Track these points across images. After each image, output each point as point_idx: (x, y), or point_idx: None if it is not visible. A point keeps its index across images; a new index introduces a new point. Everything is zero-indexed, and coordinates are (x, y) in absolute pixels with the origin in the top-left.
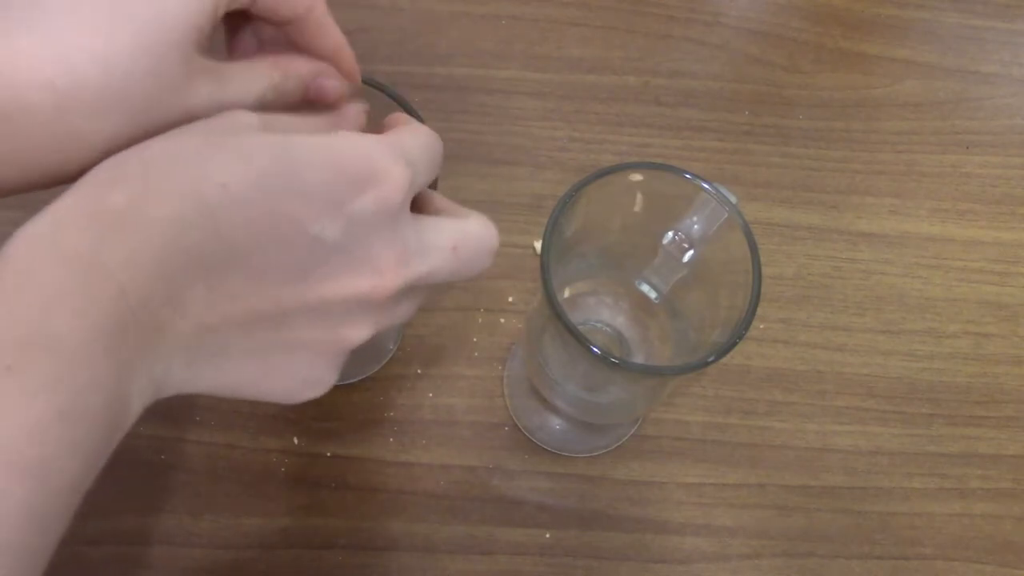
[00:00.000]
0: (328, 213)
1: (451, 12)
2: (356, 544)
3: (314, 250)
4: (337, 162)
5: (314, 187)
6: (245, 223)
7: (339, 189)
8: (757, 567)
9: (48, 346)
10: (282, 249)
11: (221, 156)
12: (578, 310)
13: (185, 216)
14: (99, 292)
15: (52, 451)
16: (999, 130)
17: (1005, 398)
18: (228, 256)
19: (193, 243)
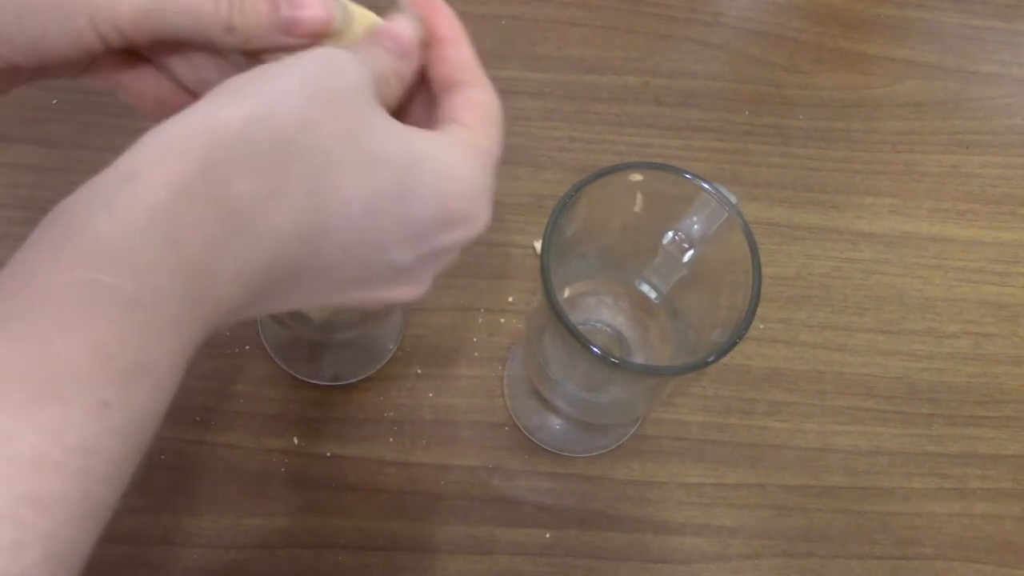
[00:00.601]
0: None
1: None
2: (356, 544)
3: (384, 272)
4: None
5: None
6: (345, 247)
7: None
8: (757, 567)
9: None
10: (359, 267)
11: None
12: (578, 310)
13: (302, 231)
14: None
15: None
16: (999, 130)
17: (1005, 398)
18: (315, 272)
19: (296, 261)
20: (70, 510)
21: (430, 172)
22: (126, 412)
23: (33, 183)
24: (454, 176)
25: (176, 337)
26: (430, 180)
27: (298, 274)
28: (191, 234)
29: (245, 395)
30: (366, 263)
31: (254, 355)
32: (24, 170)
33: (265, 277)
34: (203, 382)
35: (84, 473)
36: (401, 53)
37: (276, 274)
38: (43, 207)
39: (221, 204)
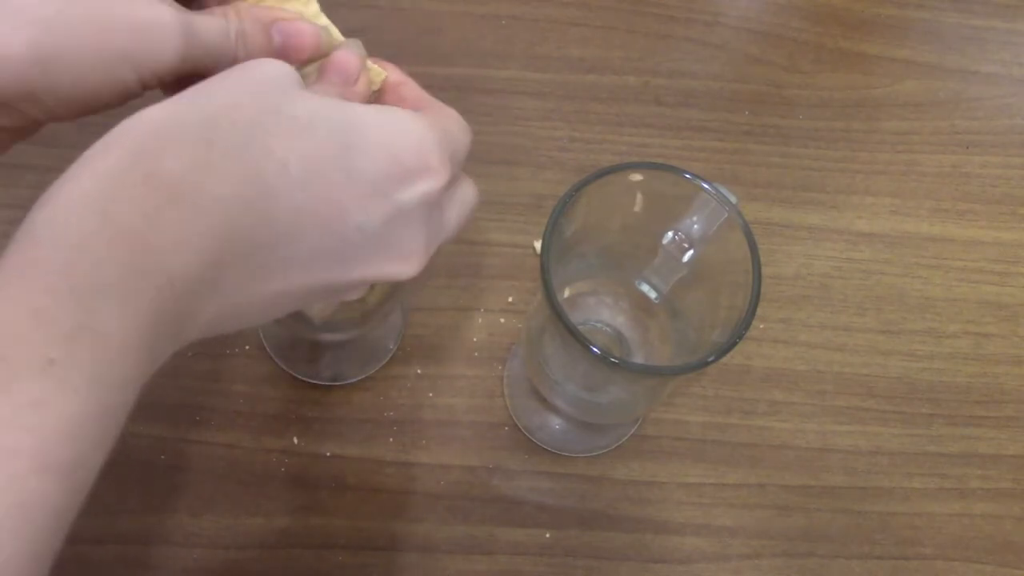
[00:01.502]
0: (373, 202)
1: (451, 12)
2: (356, 544)
3: (352, 238)
4: (392, 150)
5: (367, 174)
6: (296, 210)
7: (389, 179)
8: (757, 567)
9: (93, 340)
10: (323, 236)
11: (281, 126)
12: (578, 310)
13: (243, 195)
14: (148, 281)
15: (83, 450)
16: (999, 130)
17: (1005, 398)
18: (272, 240)
19: (246, 227)
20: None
21: (374, 128)
22: (75, 370)
23: (33, 183)
24: (399, 129)
25: (124, 302)
26: (374, 135)
27: (256, 241)
28: (123, 208)
29: (245, 395)
30: (329, 228)
31: (254, 355)
32: (24, 170)
33: (215, 243)
34: (203, 382)
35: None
36: (345, 81)
37: (228, 241)
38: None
39: (151, 179)
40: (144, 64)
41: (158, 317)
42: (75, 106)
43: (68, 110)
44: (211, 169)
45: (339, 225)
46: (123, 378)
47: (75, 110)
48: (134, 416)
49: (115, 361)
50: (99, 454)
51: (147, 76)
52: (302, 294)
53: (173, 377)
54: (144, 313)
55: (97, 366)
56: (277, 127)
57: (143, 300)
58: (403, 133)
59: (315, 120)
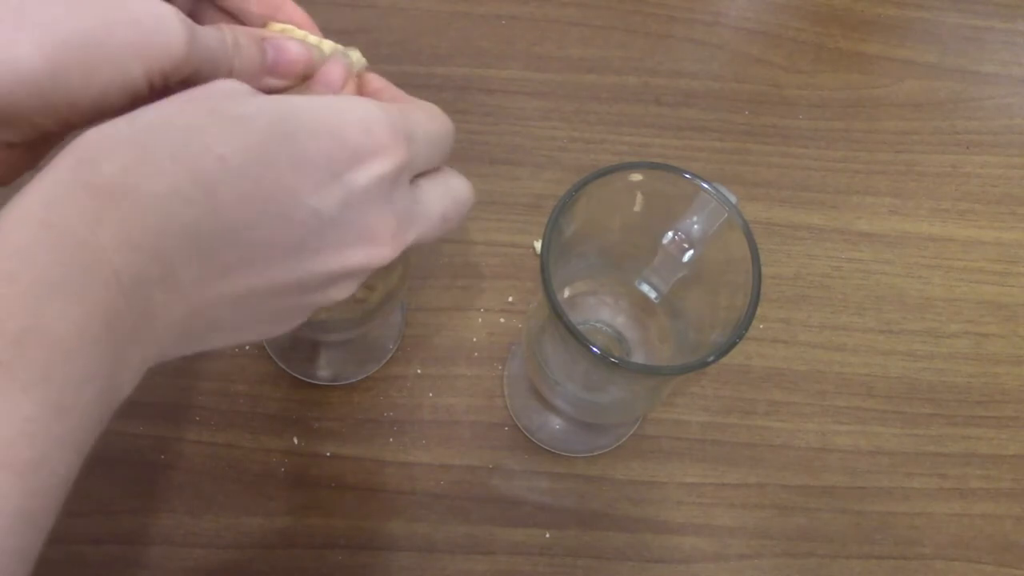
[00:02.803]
0: (325, 185)
1: (451, 12)
2: (356, 544)
3: (310, 223)
4: (337, 130)
5: (313, 157)
6: (242, 198)
7: (337, 160)
8: (757, 567)
9: (42, 340)
10: (277, 223)
11: (218, 124)
12: (578, 310)
13: (181, 190)
14: (93, 277)
15: (45, 448)
16: (999, 130)
17: (1005, 398)
18: (223, 232)
19: (189, 220)
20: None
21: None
22: (24, 370)
23: None
24: (342, 109)
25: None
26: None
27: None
28: (63, 214)
29: (245, 395)
30: (283, 215)
31: (254, 355)
32: None
33: (157, 238)
34: (203, 382)
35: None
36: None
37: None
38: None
39: (89, 185)
40: (152, 59)
41: (110, 314)
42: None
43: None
44: (146, 169)
45: (293, 211)
46: (79, 375)
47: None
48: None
49: (67, 359)
50: (66, 453)
51: (155, 73)
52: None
53: (173, 377)
54: (93, 310)
55: (48, 364)
56: (213, 125)
57: (90, 297)
58: (346, 112)
59: (253, 114)
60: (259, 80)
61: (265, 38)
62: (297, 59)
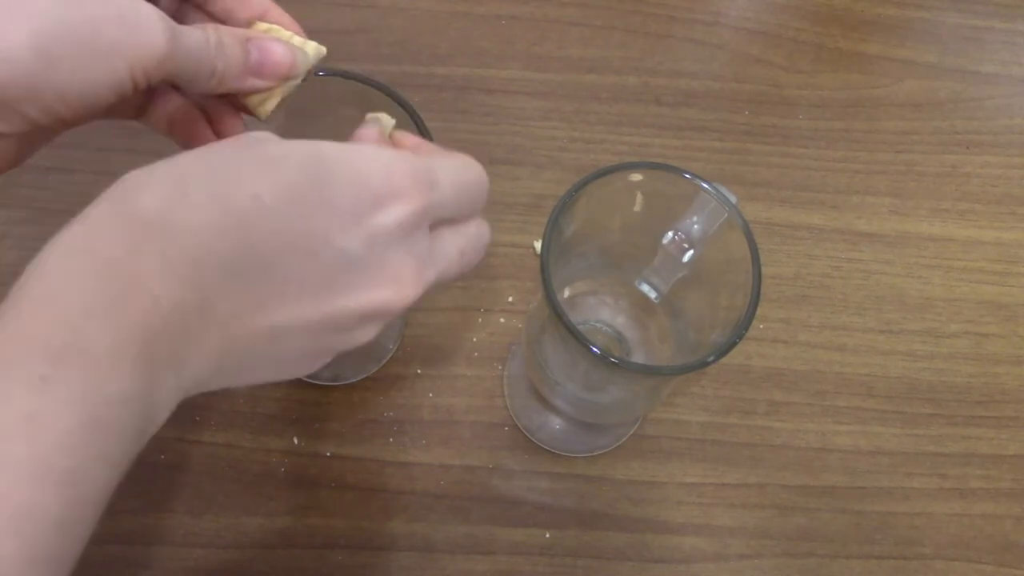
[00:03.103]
0: (350, 227)
1: (451, 12)
2: (356, 544)
3: (337, 263)
4: (362, 177)
5: (340, 199)
6: (274, 234)
7: (362, 203)
8: (757, 567)
9: (81, 357)
10: (307, 261)
11: (252, 165)
12: (578, 310)
13: (218, 224)
14: (132, 302)
15: (82, 462)
16: (999, 130)
17: (1005, 398)
18: (257, 266)
19: (225, 253)
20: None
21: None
22: (65, 385)
23: (33, 183)
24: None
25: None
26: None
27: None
28: (103, 243)
29: (245, 395)
30: (312, 252)
31: None
32: (24, 170)
33: (195, 268)
34: None
35: (31, 437)
36: None
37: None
38: (43, 207)
39: (129, 216)
40: (135, 56)
41: (148, 336)
42: (74, 102)
43: (69, 108)
44: (184, 203)
45: (321, 250)
46: (117, 393)
47: (75, 108)
48: None
49: (106, 377)
50: (103, 467)
51: (137, 70)
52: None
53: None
54: (132, 332)
55: (87, 381)
56: (248, 164)
57: (129, 320)
58: (371, 160)
59: (285, 155)
60: (243, 80)
61: (250, 39)
62: (281, 61)
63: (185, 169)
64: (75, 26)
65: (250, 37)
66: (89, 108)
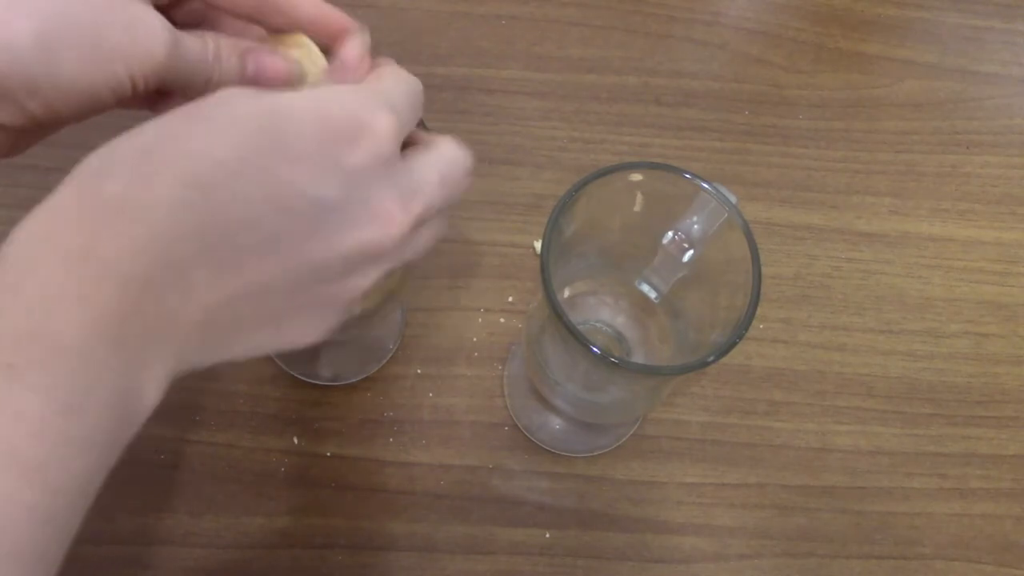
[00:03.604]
0: (322, 172)
1: (451, 12)
2: (356, 544)
3: (316, 211)
4: (324, 120)
5: (305, 149)
6: (243, 197)
7: (330, 147)
8: (757, 567)
9: (47, 343)
10: (283, 216)
11: (208, 128)
12: (578, 310)
13: (182, 198)
14: (98, 286)
15: (55, 449)
16: (999, 130)
17: (1005, 398)
18: (229, 232)
19: (193, 225)
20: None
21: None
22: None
23: (33, 183)
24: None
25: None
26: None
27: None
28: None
29: (245, 395)
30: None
31: None
32: (24, 170)
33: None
34: (203, 382)
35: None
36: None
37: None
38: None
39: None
40: (135, 61)
41: (120, 319)
42: (73, 100)
43: (67, 105)
44: (146, 181)
45: (294, 201)
46: (88, 377)
47: (73, 106)
48: None
49: (75, 361)
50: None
51: (136, 75)
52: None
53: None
54: (99, 315)
55: (54, 367)
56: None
57: (95, 303)
58: (326, 100)
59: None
60: None
61: (248, 51)
62: (276, 75)
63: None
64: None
65: (250, 49)
66: (87, 106)
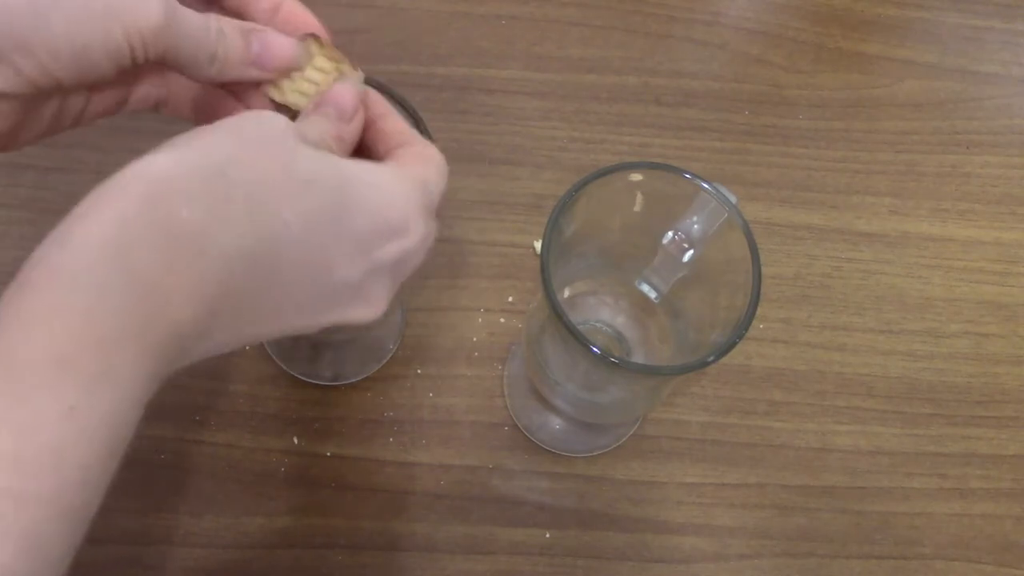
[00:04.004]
0: (356, 258)
1: (451, 12)
2: (356, 544)
3: (334, 291)
4: (382, 211)
5: (357, 233)
6: (293, 264)
7: (373, 238)
8: (757, 567)
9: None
10: (311, 287)
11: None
12: (578, 310)
13: (249, 250)
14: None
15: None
16: (999, 130)
17: (1005, 398)
18: (266, 292)
19: (248, 277)
20: (44, 508)
21: (364, 188)
22: (95, 416)
23: (33, 183)
24: (385, 190)
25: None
26: (364, 195)
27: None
28: (139, 255)
29: (245, 395)
30: (318, 281)
31: (254, 355)
32: (24, 170)
33: (218, 291)
34: (203, 382)
35: (56, 471)
36: (341, 117)
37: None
38: (43, 207)
39: (164, 228)
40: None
41: (160, 362)
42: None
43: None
44: (222, 222)
45: (327, 278)
46: (131, 421)
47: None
48: None
49: (129, 407)
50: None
51: (133, 37)
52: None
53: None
54: (152, 360)
55: (113, 416)
56: (281, 186)
57: (152, 348)
58: (391, 195)
59: (315, 179)
60: (245, 70)
61: (252, 30)
62: (281, 55)
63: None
64: None
65: (252, 29)
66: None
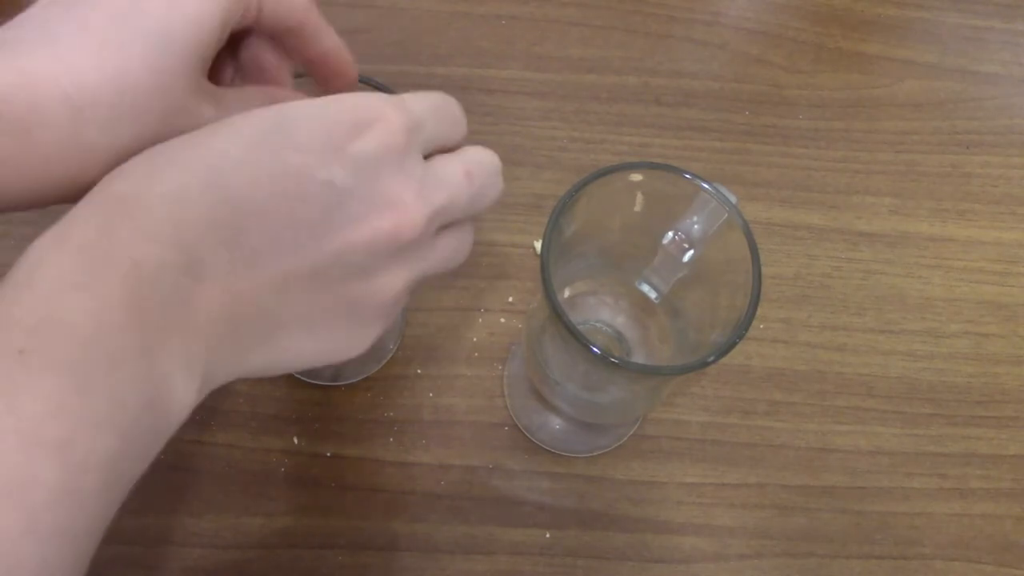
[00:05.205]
0: (332, 158)
1: (451, 12)
2: (356, 544)
3: (328, 197)
4: (330, 114)
5: (311, 137)
6: (252, 182)
7: (337, 136)
8: (757, 567)
9: (58, 327)
10: (294, 202)
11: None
12: (578, 310)
13: (190, 185)
14: (109, 272)
15: (75, 427)
16: (999, 130)
17: (1005, 398)
18: (242, 217)
19: (203, 209)
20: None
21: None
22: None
23: None
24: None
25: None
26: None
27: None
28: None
29: (245, 395)
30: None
31: None
32: None
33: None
34: None
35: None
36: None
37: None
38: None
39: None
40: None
41: (133, 300)
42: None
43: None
44: (152, 177)
45: (306, 187)
46: (103, 359)
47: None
48: None
49: (87, 344)
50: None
51: None
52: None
53: None
54: (111, 300)
55: (67, 350)
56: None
57: (107, 289)
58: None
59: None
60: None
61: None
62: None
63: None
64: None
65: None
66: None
